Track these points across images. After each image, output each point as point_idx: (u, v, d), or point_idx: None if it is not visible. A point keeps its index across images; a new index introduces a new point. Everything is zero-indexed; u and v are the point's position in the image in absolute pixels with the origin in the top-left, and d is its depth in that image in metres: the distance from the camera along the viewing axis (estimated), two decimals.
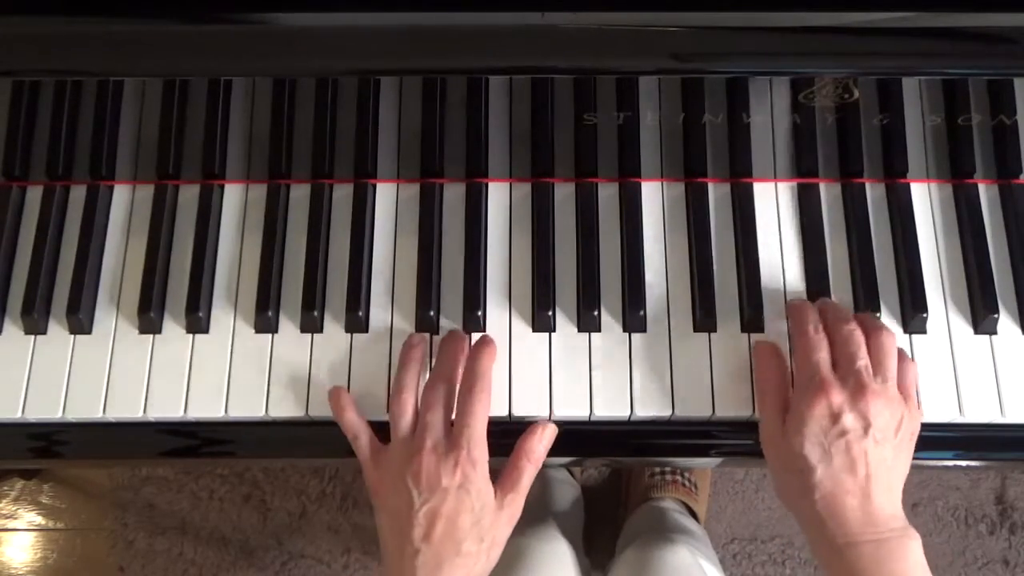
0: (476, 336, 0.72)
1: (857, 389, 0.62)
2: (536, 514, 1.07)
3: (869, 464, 0.61)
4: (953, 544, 1.47)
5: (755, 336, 0.71)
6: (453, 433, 0.65)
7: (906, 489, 0.64)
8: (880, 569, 0.60)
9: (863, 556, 0.60)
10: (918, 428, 0.65)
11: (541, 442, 0.68)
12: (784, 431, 0.64)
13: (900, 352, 0.68)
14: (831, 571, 0.62)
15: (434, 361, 0.71)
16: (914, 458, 0.69)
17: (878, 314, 0.71)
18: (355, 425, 0.69)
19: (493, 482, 0.66)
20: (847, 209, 0.76)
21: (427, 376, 0.70)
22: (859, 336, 0.65)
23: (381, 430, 0.68)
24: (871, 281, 0.73)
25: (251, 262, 0.75)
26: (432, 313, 0.72)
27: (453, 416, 0.67)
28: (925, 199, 0.76)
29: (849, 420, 0.62)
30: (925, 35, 0.61)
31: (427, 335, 0.72)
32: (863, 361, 0.64)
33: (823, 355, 0.65)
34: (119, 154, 0.76)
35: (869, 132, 0.73)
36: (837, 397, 0.62)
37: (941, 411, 0.70)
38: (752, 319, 0.71)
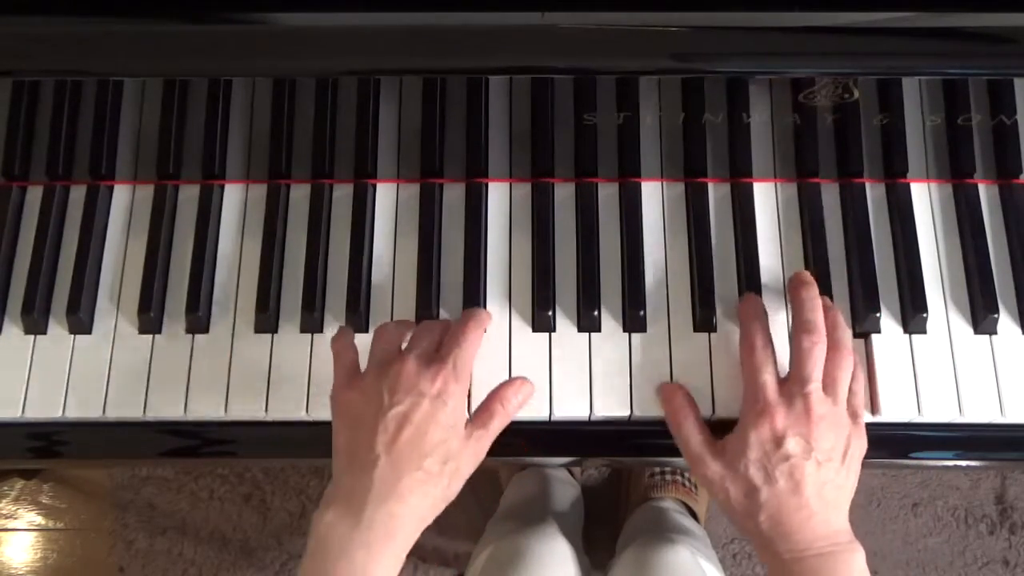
0: None
1: (803, 413, 0.62)
2: (536, 514, 1.07)
3: (813, 486, 0.62)
4: (953, 544, 1.47)
5: None
6: (442, 349, 0.64)
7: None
8: None
9: (808, 569, 0.61)
10: (864, 448, 0.65)
11: (517, 394, 0.67)
12: (727, 450, 0.64)
13: (855, 377, 0.67)
14: None
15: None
16: (914, 458, 0.69)
17: (878, 314, 0.71)
18: (344, 346, 0.67)
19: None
20: (847, 209, 0.76)
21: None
22: (817, 353, 0.64)
23: None
24: (871, 281, 0.73)
25: (251, 262, 0.75)
26: (432, 313, 0.72)
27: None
28: (925, 199, 0.76)
29: (792, 444, 0.62)
30: (925, 35, 0.61)
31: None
32: (815, 384, 0.63)
33: (768, 377, 0.64)
34: (119, 154, 0.76)
35: (869, 132, 0.73)
36: (781, 422, 0.62)
37: (941, 411, 0.70)
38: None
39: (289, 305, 0.74)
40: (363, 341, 0.72)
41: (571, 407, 0.70)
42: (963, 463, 0.74)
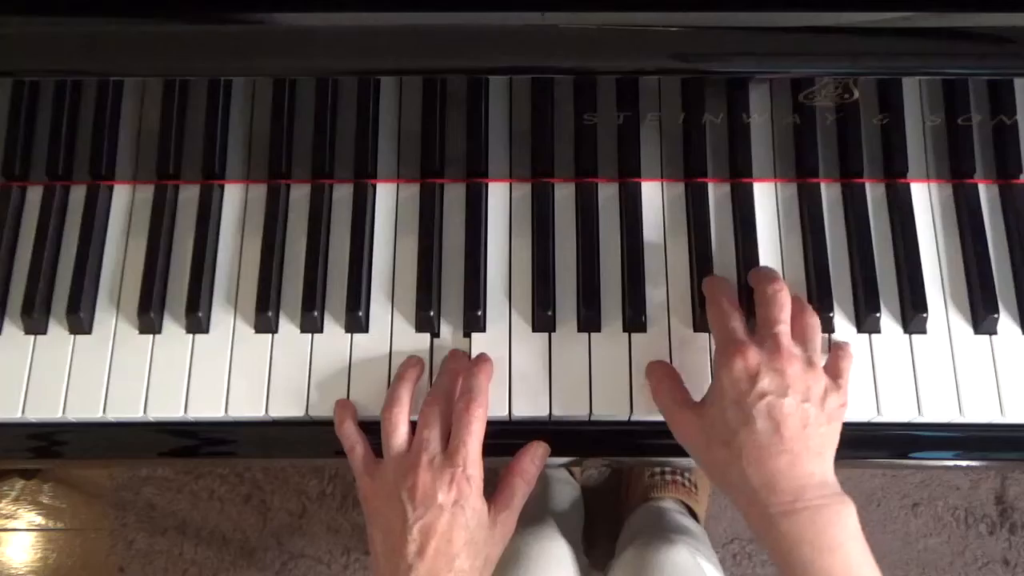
0: (476, 336, 0.72)
1: (774, 349, 0.62)
2: (536, 514, 1.07)
3: (793, 426, 0.60)
4: (953, 544, 1.47)
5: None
6: (449, 450, 0.65)
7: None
8: (816, 537, 0.58)
9: (797, 524, 0.59)
10: (845, 404, 0.63)
11: (534, 462, 0.69)
12: (704, 402, 0.64)
13: (841, 345, 0.68)
14: (767, 542, 0.61)
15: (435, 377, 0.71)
16: (914, 458, 0.69)
17: (878, 315, 0.71)
18: (352, 437, 0.69)
19: (487, 498, 0.66)
20: (847, 209, 0.76)
21: (422, 394, 0.69)
22: (782, 297, 0.64)
23: (377, 432, 0.68)
24: (871, 281, 0.73)
25: (251, 262, 0.75)
26: (432, 313, 0.72)
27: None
28: (925, 199, 0.76)
29: (767, 380, 0.60)
30: (925, 35, 0.61)
31: (425, 350, 0.72)
32: (783, 325, 0.63)
33: (736, 323, 0.64)
34: (119, 154, 0.76)
35: (869, 132, 0.73)
36: (753, 357, 0.61)
37: (941, 411, 0.70)
38: (751, 319, 0.71)
39: (289, 305, 0.74)
40: (364, 341, 0.72)
41: (571, 407, 0.70)
42: (963, 463, 0.74)
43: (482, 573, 0.65)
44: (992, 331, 0.72)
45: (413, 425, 0.67)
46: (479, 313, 0.72)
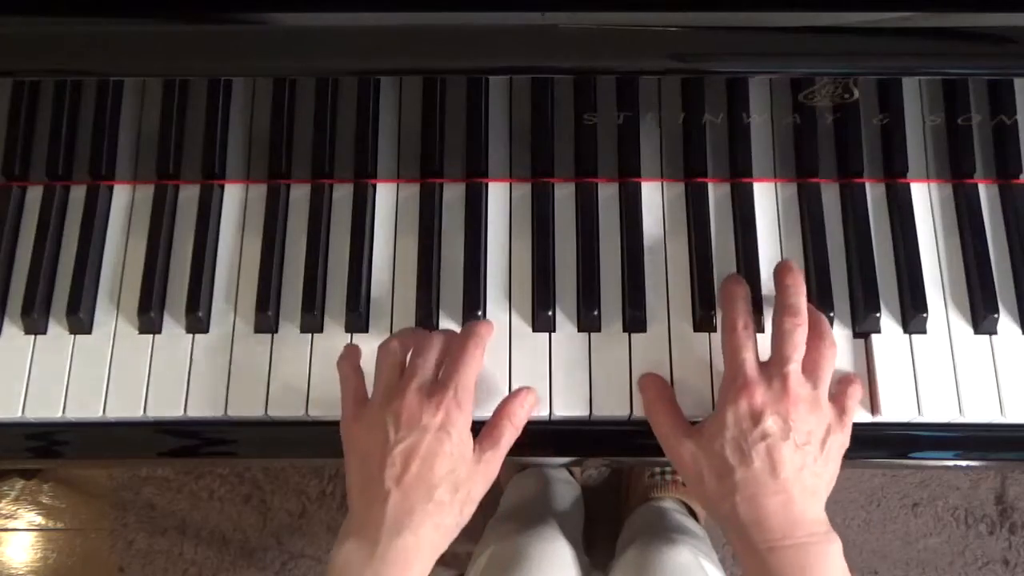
0: None
1: (782, 392, 0.62)
2: (536, 514, 1.07)
3: (790, 469, 0.60)
4: (953, 544, 1.47)
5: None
6: (442, 376, 0.64)
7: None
8: (801, 573, 0.59)
9: (782, 560, 0.59)
10: (846, 444, 0.64)
11: (523, 407, 0.67)
12: (704, 431, 0.63)
13: (851, 377, 0.68)
14: (750, 572, 0.61)
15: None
16: (914, 458, 0.68)
17: (878, 314, 0.71)
18: (349, 371, 0.67)
19: (474, 438, 0.65)
20: (847, 209, 0.76)
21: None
22: (799, 335, 0.64)
23: None
24: (871, 281, 0.73)
25: (251, 262, 0.75)
26: (432, 313, 0.72)
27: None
28: (925, 199, 0.76)
29: (770, 422, 0.61)
30: (925, 35, 0.61)
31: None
32: (795, 365, 0.63)
33: (749, 355, 0.63)
34: (119, 154, 0.76)
35: (869, 132, 0.73)
36: (760, 398, 0.61)
37: (941, 411, 0.70)
38: (751, 319, 0.71)
39: (289, 305, 0.74)
40: (363, 341, 0.72)
41: (571, 407, 0.70)
42: (963, 463, 0.74)
43: (463, 509, 0.63)
44: (992, 331, 0.72)
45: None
46: (479, 313, 0.72)
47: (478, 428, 0.66)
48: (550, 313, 0.72)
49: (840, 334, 0.72)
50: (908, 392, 0.70)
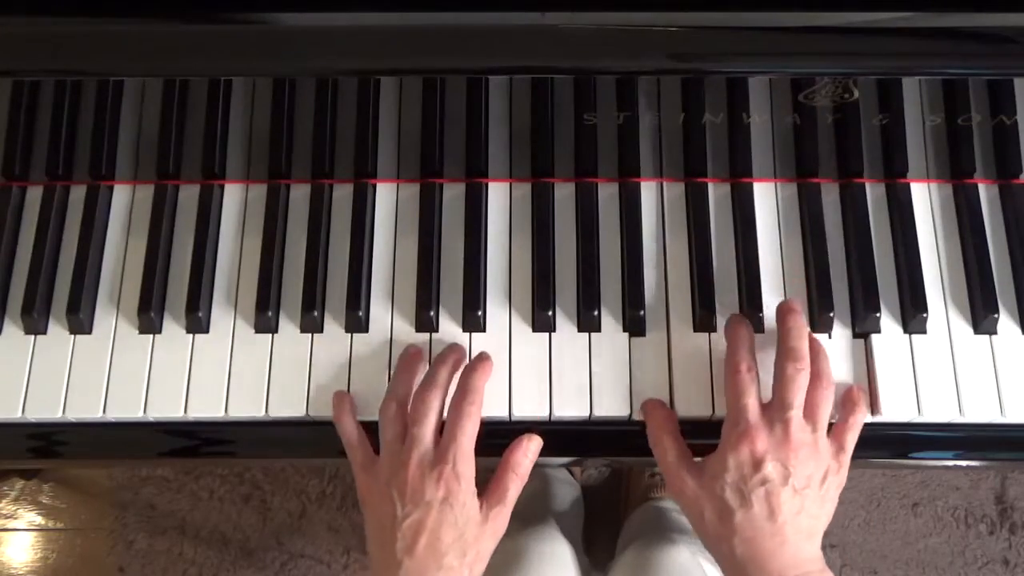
0: (476, 336, 0.72)
1: (783, 438, 0.63)
2: (536, 514, 1.07)
3: (788, 513, 0.62)
4: (953, 544, 1.47)
5: (756, 336, 0.71)
6: (440, 446, 0.65)
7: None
8: None
9: None
10: (843, 482, 0.66)
11: (527, 456, 0.68)
12: (706, 470, 0.64)
13: (852, 400, 0.68)
14: None
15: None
16: (914, 458, 0.68)
17: (878, 314, 0.71)
18: (351, 432, 0.69)
19: (480, 494, 0.66)
20: (847, 209, 0.76)
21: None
22: (800, 380, 0.65)
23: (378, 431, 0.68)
24: (871, 281, 0.72)
25: (251, 262, 0.75)
26: (432, 313, 0.72)
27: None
28: (925, 199, 0.76)
29: (770, 468, 0.62)
30: (925, 35, 0.61)
31: (425, 349, 0.72)
32: (796, 411, 0.64)
33: (751, 400, 0.64)
34: (119, 154, 0.76)
35: (869, 132, 0.73)
36: (761, 445, 0.63)
37: (941, 411, 0.70)
38: (752, 319, 0.71)
39: (289, 305, 0.74)
40: (364, 341, 0.72)
41: (571, 407, 0.70)
42: (963, 463, 0.74)
43: (472, 569, 0.65)
44: (992, 331, 0.72)
45: None
46: (479, 313, 0.72)
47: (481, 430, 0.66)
48: (550, 313, 0.72)
49: (840, 334, 0.72)
50: (908, 392, 0.70)
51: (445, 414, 0.67)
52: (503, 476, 0.67)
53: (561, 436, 0.71)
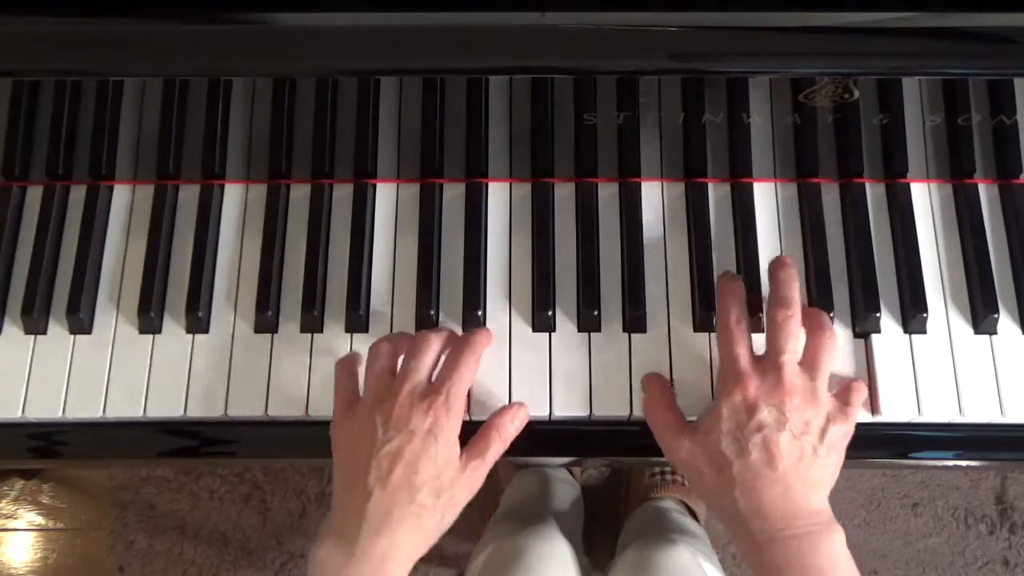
0: None
1: (776, 383, 0.61)
2: (536, 514, 1.07)
3: (788, 459, 0.60)
4: (953, 544, 1.47)
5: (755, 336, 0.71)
6: (436, 380, 0.64)
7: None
8: (802, 563, 0.59)
9: (785, 551, 0.59)
10: (849, 432, 0.64)
11: (513, 421, 0.67)
12: (700, 427, 0.63)
13: (856, 380, 0.68)
14: (756, 568, 0.61)
15: None
16: (914, 458, 0.68)
17: (878, 314, 0.71)
18: (344, 373, 0.68)
19: (461, 448, 0.65)
20: (847, 209, 0.76)
21: None
22: (791, 325, 0.63)
23: None
24: (871, 281, 0.73)
25: (251, 262, 0.75)
26: (432, 313, 0.72)
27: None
28: (925, 199, 0.76)
29: (765, 413, 0.60)
30: (925, 35, 0.61)
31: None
32: (789, 355, 0.62)
33: (742, 349, 0.64)
34: (119, 154, 0.76)
35: (869, 132, 0.73)
36: (753, 390, 0.61)
37: (941, 411, 0.70)
38: (751, 319, 0.71)
39: (289, 305, 0.74)
40: (363, 341, 0.72)
41: (571, 407, 0.70)
42: (963, 463, 0.74)
43: (444, 514, 0.63)
44: (992, 331, 0.72)
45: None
46: (479, 313, 0.72)
47: (473, 430, 0.66)
48: (550, 313, 0.72)
49: (840, 334, 0.72)
50: (908, 392, 0.70)
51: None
52: (486, 433, 0.66)
53: (561, 436, 0.71)
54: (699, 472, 0.63)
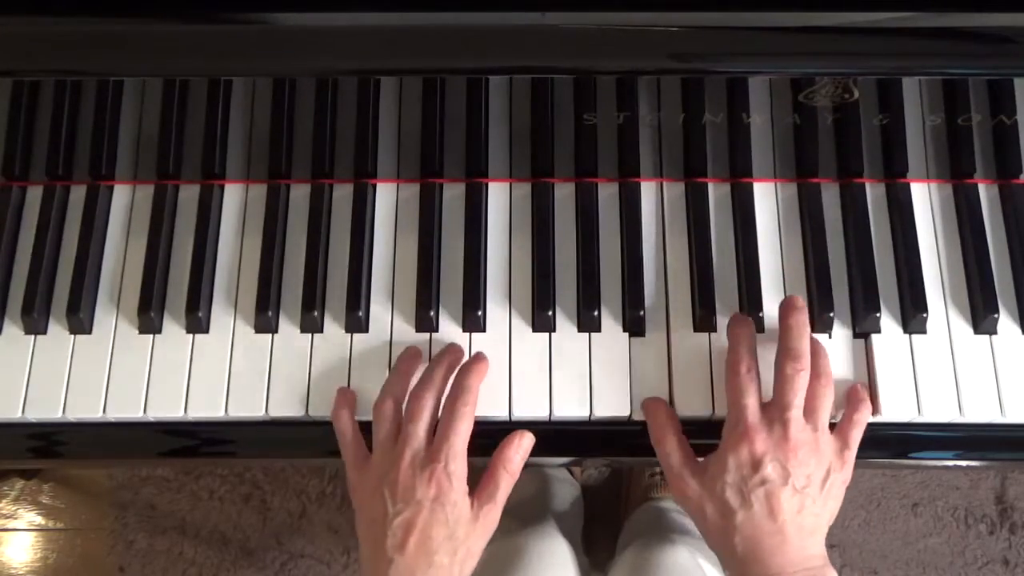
0: (476, 336, 0.72)
1: (782, 438, 0.63)
2: (536, 513, 1.07)
3: (789, 512, 0.62)
4: (953, 544, 1.47)
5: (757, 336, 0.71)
6: (433, 445, 0.65)
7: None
8: None
9: None
10: (848, 478, 0.66)
11: (518, 452, 0.68)
12: (707, 471, 0.65)
13: (856, 397, 0.68)
14: None
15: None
16: (914, 458, 0.68)
17: (878, 314, 0.71)
18: (347, 429, 0.69)
19: (471, 491, 0.66)
20: (847, 209, 0.76)
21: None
22: (800, 381, 0.65)
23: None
24: (871, 281, 0.73)
25: (251, 262, 0.75)
26: (432, 313, 0.72)
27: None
28: (925, 199, 0.76)
29: (769, 469, 0.62)
30: (925, 35, 0.61)
31: (424, 349, 0.72)
32: (796, 411, 0.64)
33: (751, 400, 0.65)
34: (119, 154, 0.76)
35: (869, 132, 0.73)
36: (760, 445, 0.63)
37: (941, 411, 0.70)
38: (751, 319, 0.71)
39: (289, 305, 0.74)
40: (364, 341, 0.72)
41: (571, 407, 0.70)
42: (963, 463, 0.74)
43: (463, 566, 0.65)
44: (992, 331, 0.72)
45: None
46: (479, 313, 0.72)
47: (476, 430, 0.66)
48: (550, 313, 0.72)
49: (840, 334, 0.72)
50: (908, 392, 0.70)
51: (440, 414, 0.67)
52: (494, 473, 0.67)
53: (561, 436, 0.71)
54: (703, 513, 0.65)
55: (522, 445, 0.68)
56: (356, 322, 0.73)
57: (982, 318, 0.71)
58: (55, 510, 1.52)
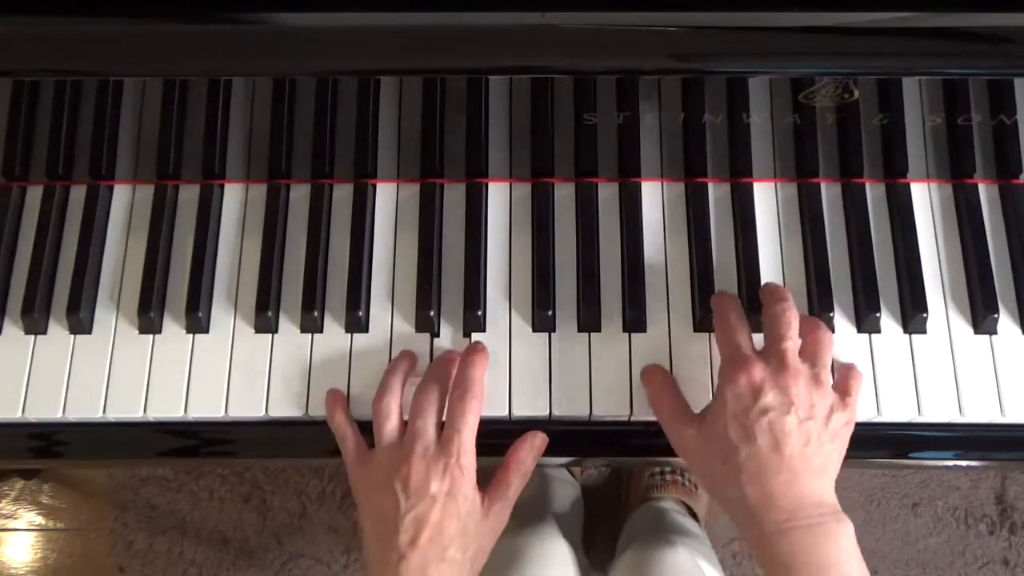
0: (476, 336, 0.72)
1: (779, 366, 0.61)
2: (536, 514, 1.07)
3: (795, 444, 0.59)
4: (953, 544, 1.47)
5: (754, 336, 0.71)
6: (443, 439, 0.65)
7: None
8: (810, 556, 0.58)
9: (793, 543, 0.58)
10: (852, 422, 0.64)
11: (531, 453, 0.68)
12: (706, 415, 0.64)
13: (849, 365, 0.69)
14: (763, 561, 0.61)
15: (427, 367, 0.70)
16: (914, 458, 0.68)
17: (878, 314, 0.71)
18: (343, 427, 0.69)
19: (481, 490, 0.66)
20: (847, 209, 0.76)
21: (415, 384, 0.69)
22: (789, 316, 0.64)
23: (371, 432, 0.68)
24: (871, 281, 0.73)
25: (251, 262, 0.75)
26: (432, 313, 0.72)
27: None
28: (925, 199, 0.76)
29: (771, 397, 0.60)
30: (925, 35, 0.61)
31: (424, 349, 0.72)
32: (789, 342, 0.63)
33: (742, 338, 0.64)
34: (119, 154, 0.76)
35: (869, 132, 0.73)
36: (758, 372, 0.61)
37: (941, 411, 0.70)
38: (751, 319, 0.71)
39: (289, 305, 0.74)
40: (364, 341, 0.72)
41: (571, 407, 0.70)
42: (963, 463, 0.74)
43: (473, 562, 0.65)
44: (992, 331, 0.72)
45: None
46: (479, 313, 0.72)
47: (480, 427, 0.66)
48: (550, 313, 0.72)
49: (840, 334, 0.72)
50: (908, 392, 0.70)
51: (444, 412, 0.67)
52: (506, 472, 0.67)
53: (561, 436, 0.71)
54: (704, 462, 0.63)
55: (535, 445, 0.68)
56: (356, 322, 0.73)
57: (982, 318, 0.72)
58: (55, 510, 1.52)
